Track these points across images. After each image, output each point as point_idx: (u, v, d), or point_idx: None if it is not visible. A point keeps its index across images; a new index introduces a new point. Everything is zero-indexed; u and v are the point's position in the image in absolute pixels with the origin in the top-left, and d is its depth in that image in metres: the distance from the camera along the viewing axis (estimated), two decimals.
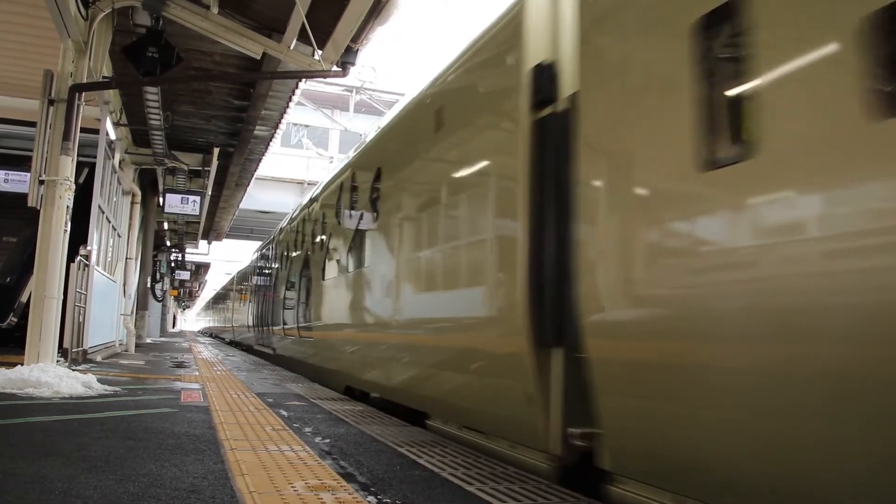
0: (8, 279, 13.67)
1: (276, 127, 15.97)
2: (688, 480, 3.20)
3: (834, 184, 2.52)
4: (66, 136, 8.36)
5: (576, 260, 3.87)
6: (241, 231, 36.79)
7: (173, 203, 17.99)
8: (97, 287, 11.49)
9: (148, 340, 23.23)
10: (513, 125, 4.64)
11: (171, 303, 47.91)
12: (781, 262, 2.68)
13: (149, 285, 23.54)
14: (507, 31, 4.94)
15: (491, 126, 5.10)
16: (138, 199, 17.29)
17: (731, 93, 3.08)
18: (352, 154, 10.16)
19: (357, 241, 8.66)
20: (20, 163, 12.73)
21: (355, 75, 25.48)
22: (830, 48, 2.54)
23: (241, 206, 25.93)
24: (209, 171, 17.40)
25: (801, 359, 2.60)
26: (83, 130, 8.85)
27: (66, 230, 8.41)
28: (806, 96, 2.64)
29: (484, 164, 5.10)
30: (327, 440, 4.87)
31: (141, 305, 20.98)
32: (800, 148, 2.63)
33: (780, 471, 2.71)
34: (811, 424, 2.58)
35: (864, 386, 2.38)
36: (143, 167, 17.33)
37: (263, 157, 18.85)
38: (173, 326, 59.19)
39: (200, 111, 15.10)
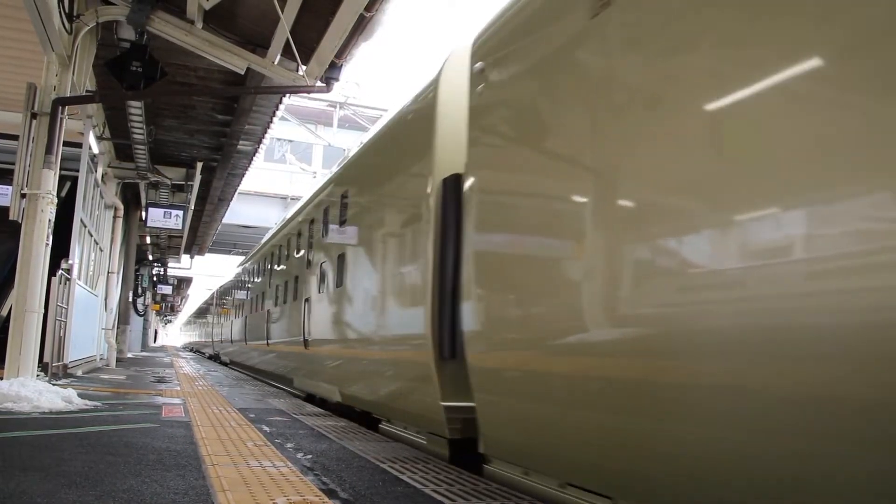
0: None
1: (260, 142, 15.96)
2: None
3: None
4: (49, 149, 8.34)
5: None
6: (224, 245, 36.66)
7: (156, 217, 17.95)
8: (78, 301, 11.41)
9: (129, 355, 23.03)
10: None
11: (152, 317, 47.60)
12: None
13: (130, 299, 23.37)
14: None
15: None
16: (121, 212, 17.20)
17: None
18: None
19: None
20: (2, 176, 12.65)
21: (339, 91, 25.54)
22: None
23: (224, 220, 25.86)
24: (192, 186, 17.37)
25: None
26: (66, 144, 8.82)
27: (47, 244, 8.35)
28: None
29: None
30: (309, 456, 4.87)
31: (122, 320, 20.82)
32: None
33: None
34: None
35: None
36: (126, 181, 17.28)
37: (247, 172, 18.85)
38: (154, 341, 58.78)
39: (184, 125, 15.07)
